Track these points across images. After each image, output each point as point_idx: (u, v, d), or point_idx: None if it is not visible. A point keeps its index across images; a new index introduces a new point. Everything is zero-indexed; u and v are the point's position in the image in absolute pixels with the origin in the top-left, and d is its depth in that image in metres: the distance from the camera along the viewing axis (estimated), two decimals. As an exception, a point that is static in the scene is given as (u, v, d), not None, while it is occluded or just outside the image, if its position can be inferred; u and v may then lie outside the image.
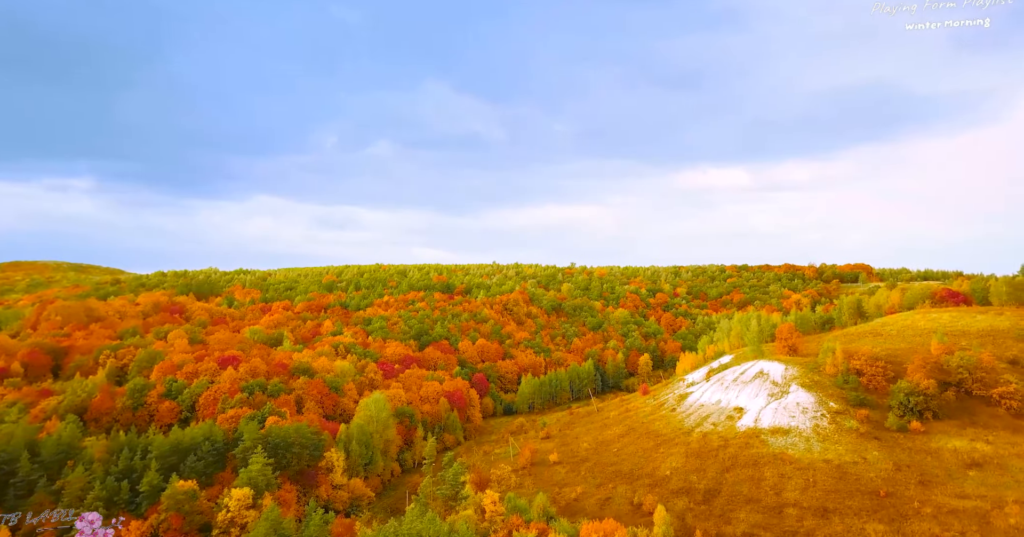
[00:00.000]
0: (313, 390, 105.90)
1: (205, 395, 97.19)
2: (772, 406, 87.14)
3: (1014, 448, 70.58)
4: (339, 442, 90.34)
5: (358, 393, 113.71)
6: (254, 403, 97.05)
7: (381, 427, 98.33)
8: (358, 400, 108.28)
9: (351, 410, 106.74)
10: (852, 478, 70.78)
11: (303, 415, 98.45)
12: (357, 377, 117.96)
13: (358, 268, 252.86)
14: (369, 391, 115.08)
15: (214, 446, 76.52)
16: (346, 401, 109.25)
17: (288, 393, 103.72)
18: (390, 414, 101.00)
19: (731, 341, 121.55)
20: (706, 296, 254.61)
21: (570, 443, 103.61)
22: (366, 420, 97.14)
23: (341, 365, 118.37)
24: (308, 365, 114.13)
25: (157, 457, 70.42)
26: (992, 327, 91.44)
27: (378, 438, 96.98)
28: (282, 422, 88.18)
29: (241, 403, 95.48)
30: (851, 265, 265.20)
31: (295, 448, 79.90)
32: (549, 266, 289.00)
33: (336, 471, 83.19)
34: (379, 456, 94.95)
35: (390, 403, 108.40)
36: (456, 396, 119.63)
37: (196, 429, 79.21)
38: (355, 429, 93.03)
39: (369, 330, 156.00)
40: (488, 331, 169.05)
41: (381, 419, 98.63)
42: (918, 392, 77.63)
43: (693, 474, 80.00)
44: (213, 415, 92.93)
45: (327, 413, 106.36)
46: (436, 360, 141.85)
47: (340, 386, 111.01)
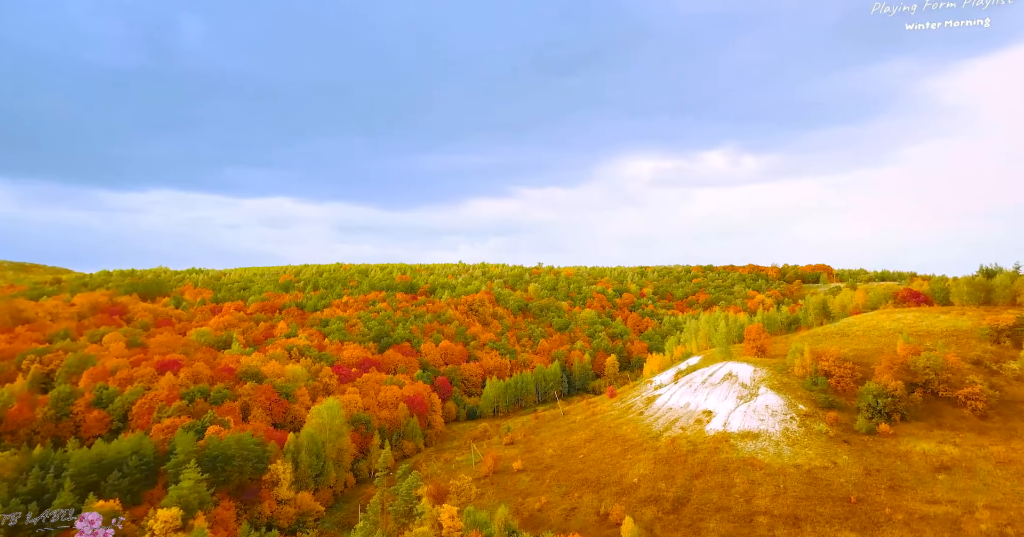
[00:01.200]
0: (261, 396, 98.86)
1: (139, 403, 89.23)
2: (741, 409, 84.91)
3: (981, 450, 69.75)
4: (287, 453, 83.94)
5: (311, 399, 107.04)
6: (194, 411, 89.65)
7: (334, 435, 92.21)
8: (311, 406, 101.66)
9: (303, 417, 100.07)
10: (823, 484, 68.76)
11: (249, 424, 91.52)
12: (310, 382, 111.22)
13: (317, 267, 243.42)
14: (323, 397, 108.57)
15: (143, 460, 69.39)
16: (298, 408, 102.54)
17: (233, 400, 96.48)
18: (344, 421, 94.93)
19: (699, 342, 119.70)
20: (672, 296, 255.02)
21: (535, 449, 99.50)
22: (318, 428, 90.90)
23: (293, 369, 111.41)
24: (257, 369, 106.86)
25: (74, 475, 62.98)
26: (955, 327, 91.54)
27: (330, 447, 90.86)
28: (224, 432, 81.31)
29: (180, 412, 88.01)
30: (812, 266, 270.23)
31: (236, 461, 73.33)
32: (516, 266, 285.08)
33: (282, 485, 76.87)
34: (331, 466, 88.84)
35: (345, 409, 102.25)
36: (416, 401, 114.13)
37: (124, 442, 71.83)
38: (305, 438, 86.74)
39: (326, 332, 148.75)
40: (452, 332, 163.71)
41: (334, 427, 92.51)
42: (886, 394, 76.41)
43: (662, 481, 76.90)
44: (147, 425, 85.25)
45: (276, 421, 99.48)
46: (397, 363, 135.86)
47: (291, 392, 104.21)
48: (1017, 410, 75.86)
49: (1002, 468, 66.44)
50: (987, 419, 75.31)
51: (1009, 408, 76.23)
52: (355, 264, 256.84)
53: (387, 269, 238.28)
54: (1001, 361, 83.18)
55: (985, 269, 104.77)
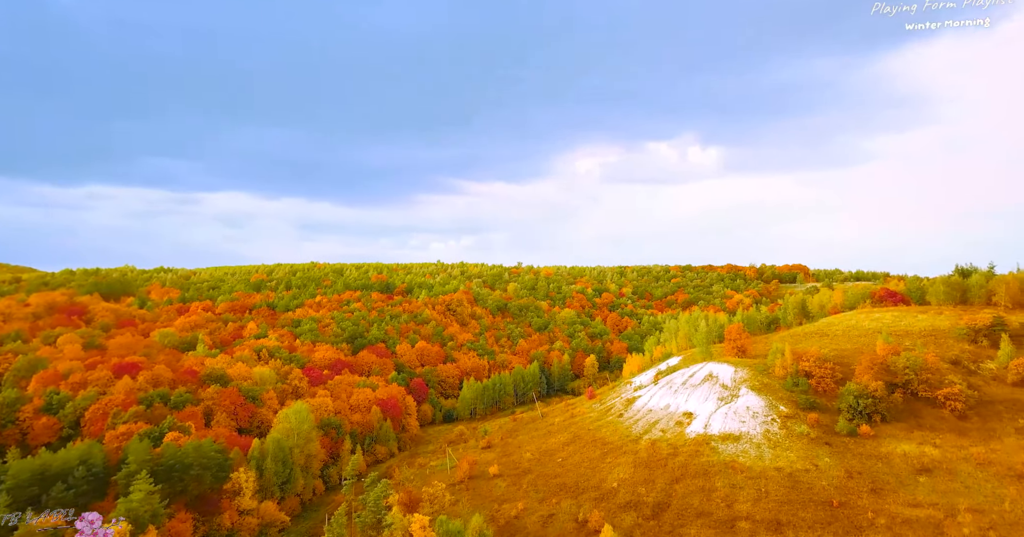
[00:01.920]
0: (226, 400, 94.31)
1: (93, 409, 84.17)
2: (722, 411, 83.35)
3: (960, 452, 69.10)
4: (251, 460, 79.78)
5: (280, 402, 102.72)
6: (153, 417, 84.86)
7: (302, 441, 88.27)
8: (279, 411, 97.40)
9: (271, 422, 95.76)
10: (804, 487, 67.36)
11: (212, 429, 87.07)
12: (279, 384, 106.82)
13: (291, 266, 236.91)
14: (292, 400, 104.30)
15: (91, 471, 64.79)
16: (265, 412, 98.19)
17: (196, 404, 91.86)
18: (313, 426, 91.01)
19: (679, 342, 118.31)
20: (651, 296, 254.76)
21: (512, 453, 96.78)
22: (285, 433, 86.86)
23: (261, 371, 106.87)
24: (222, 372, 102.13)
25: (12, 488, 58.24)
26: (933, 327, 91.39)
27: (298, 453, 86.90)
28: (184, 439, 76.91)
29: (136, 417, 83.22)
30: (789, 266, 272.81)
31: (194, 470, 69.05)
32: (495, 265, 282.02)
33: (244, 494, 72.80)
34: (298, 474, 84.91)
35: (315, 413, 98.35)
36: (390, 404, 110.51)
37: (71, 451, 67.06)
38: (271, 444, 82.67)
39: (297, 332, 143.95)
40: (429, 333, 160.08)
41: (303, 432, 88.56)
42: (867, 394, 75.49)
43: (641, 486, 74.82)
44: (100, 432, 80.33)
45: (242, 426, 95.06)
46: (371, 365, 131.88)
47: (258, 395, 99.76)
48: (995, 410, 75.55)
49: (982, 470, 65.79)
50: (966, 419, 74.85)
51: (987, 408, 75.91)
52: (330, 263, 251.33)
53: (363, 268, 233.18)
54: (978, 361, 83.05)
55: (960, 269, 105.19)
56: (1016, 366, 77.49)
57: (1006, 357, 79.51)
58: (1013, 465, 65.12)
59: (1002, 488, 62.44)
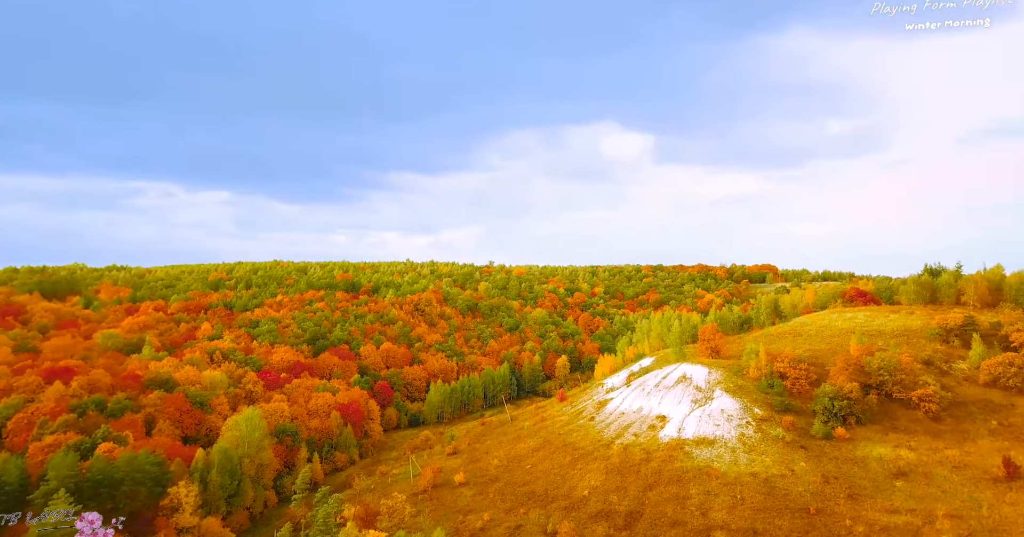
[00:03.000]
0: (170, 407, 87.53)
1: (17, 418, 76.66)
2: (696, 414, 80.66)
3: (936, 454, 67.70)
4: (194, 472, 73.52)
5: (231, 408, 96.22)
6: (86, 426, 77.76)
7: (253, 449, 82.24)
8: (230, 417, 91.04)
9: (220, 429, 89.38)
10: (780, 494, 64.88)
11: (153, 439, 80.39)
12: (231, 389, 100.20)
13: (252, 265, 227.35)
14: (246, 405, 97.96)
15: (4, 489, 58.01)
16: (214, 418, 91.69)
17: (136, 411, 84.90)
18: (265, 433, 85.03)
19: (651, 342, 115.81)
20: (623, 296, 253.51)
21: (479, 459, 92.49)
22: (234, 442, 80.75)
23: (211, 375, 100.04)
24: (168, 376, 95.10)
25: (-94, 512, 51.32)
26: (906, 327, 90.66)
27: (248, 463, 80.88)
28: (119, 450, 70.33)
29: (67, 427, 76.06)
30: (758, 266, 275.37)
31: (126, 485, 62.80)
32: (466, 264, 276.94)
33: (184, 510, 66.66)
34: (248, 485, 78.93)
35: (269, 419, 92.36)
36: (351, 408, 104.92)
37: (-16, 467, 60.10)
38: (217, 454, 76.49)
39: (255, 333, 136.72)
40: (395, 334, 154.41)
41: (254, 440, 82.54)
42: (842, 396, 73.75)
43: (613, 494, 71.41)
44: (24, 444, 73.01)
45: (188, 434, 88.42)
46: (332, 367, 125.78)
47: (208, 400, 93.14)
48: (968, 411, 74.62)
49: (958, 473, 64.38)
50: (940, 421, 73.71)
51: (960, 409, 74.94)
52: (294, 261, 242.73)
53: (328, 267, 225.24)
54: (951, 361, 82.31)
55: (930, 268, 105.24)
56: (988, 367, 76.77)
57: (977, 357, 78.83)
58: (988, 468, 63.90)
59: (979, 492, 61.00)
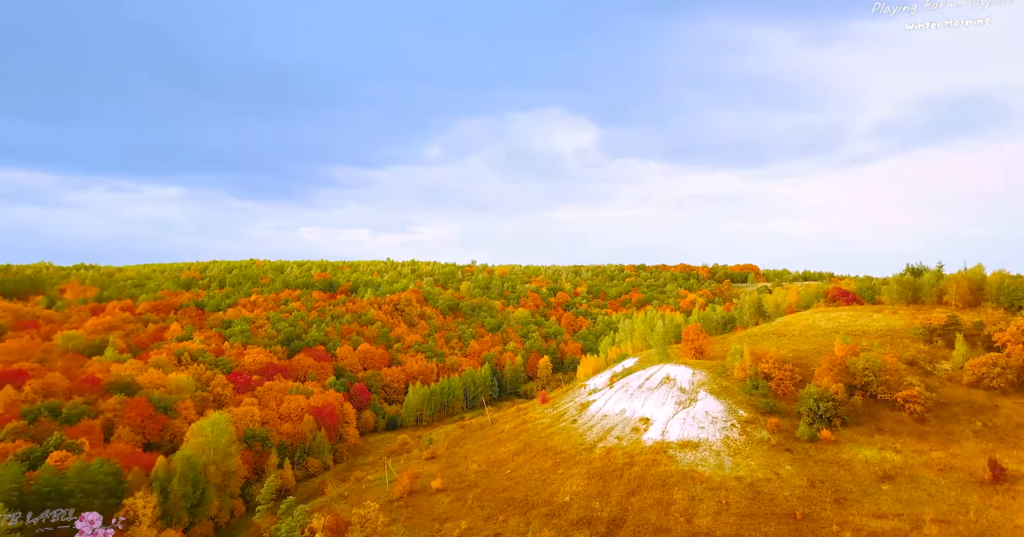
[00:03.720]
0: (131, 412, 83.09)
1: (-38, 425, 71.76)
2: (680, 416, 78.78)
3: (921, 457, 66.65)
4: (154, 481, 69.47)
5: (198, 412, 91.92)
6: (37, 433, 73.18)
7: (220, 456, 78.32)
8: (195, 422, 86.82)
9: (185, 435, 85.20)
10: (766, 498, 63.15)
11: (111, 446, 76.05)
12: (198, 392, 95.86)
13: (227, 264, 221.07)
14: (214, 409, 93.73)
15: (-60, 504, 53.52)
16: (179, 424, 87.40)
17: (94, 417, 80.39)
18: (232, 439, 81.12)
19: (634, 342, 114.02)
20: (606, 295, 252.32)
21: (458, 464, 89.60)
22: (198, 448, 76.74)
23: (178, 378, 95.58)
24: (130, 379, 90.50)
25: None
26: (889, 326, 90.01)
27: (214, 471, 76.94)
28: (72, 459, 66.02)
29: (15, 434, 71.41)
30: (740, 266, 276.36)
31: (76, 497, 58.68)
32: (448, 264, 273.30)
33: (141, 523, 62.67)
34: (212, 494, 74.99)
35: (238, 424, 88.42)
36: (326, 412, 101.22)
37: (-82, 479, 55.53)
38: (180, 462, 72.44)
39: (227, 334, 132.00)
40: (374, 334, 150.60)
41: (220, 446, 78.59)
42: (827, 398, 72.39)
43: (595, 500, 69.10)
44: (-32, 453, 68.18)
45: (150, 440, 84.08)
46: (307, 369, 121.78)
47: (172, 405, 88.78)
48: (952, 413, 73.82)
49: (944, 476, 63.30)
50: (924, 422, 72.76)
51: (945, 410, 74.12)
52: (271, 260, 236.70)
53: (305, 266, 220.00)
54: (934, 361, 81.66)
55: (912, 268, 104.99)
56: (971, 367, 76.12)
57: (961, 358, 78.16)
58: (974, 471, 62.94)
59: (965, 496, 59.90)
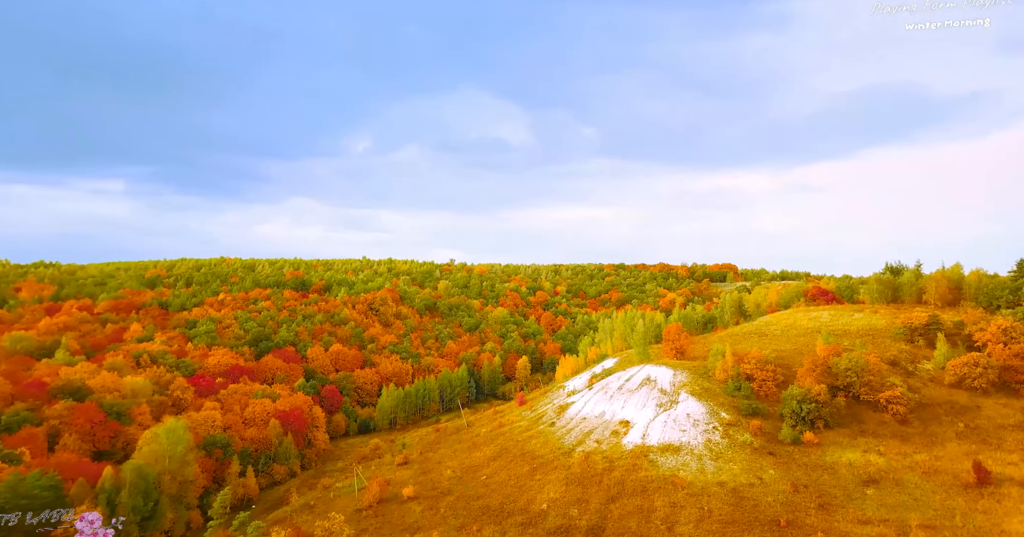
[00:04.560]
0: (79, 418, 77.67)
1: None
2: (661, 418, 76.40)
3: (905, 459, 65.20)
4: (100, 493, 64.55)
5: (154, 418, 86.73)
6: (-27, 443, 67.56)
7: (175, 465, 73.50)
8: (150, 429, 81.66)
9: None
10: (749, 504, 60.96)
11: (56, 455, 70.75)
12: (155, 397, 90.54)
13: (195, 262, 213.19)
14: (174, 414, 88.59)
15: None
16: (133, 431, 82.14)
17: (37, 424, 74.87)
18: (190, 446, 76.29)
19: (614, 342, 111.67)
20: (585, 294, 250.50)
21: (431, 470, 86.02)
22: (152, 457, 71.88)
23: (133, 381, 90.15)
24: (80, 383, 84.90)
25: None
26: (871, 326, 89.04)
27: (169, 481, 72.14)
28: (9, 471, 60.79)
29: (-52, 444, 65.75)
30: (719, 265, 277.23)
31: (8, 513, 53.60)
32: (426, 262, 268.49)
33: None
34: (167, 506, 70.23)
35: (198, 430, 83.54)
36: (293, 415, 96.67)
37: None
38: (130, 472, 67.59)
39: (191, 334, 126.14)
40: (347, 335, 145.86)
41: (176, 454, 73.76)
42: (810, 399, 70.67)
43: (574, 507, 66.23)
44: None
45: (101, 449, 78.75)
46: (275, 371, 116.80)
47: (126, 410, 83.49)
48: (935, 414, 72.71)
49: (928, 480, 61.86)
50: (907, 424, 71.48)
51: (927, 411, 72.98)
52: (242, 258, 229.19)
53: (277, 264, 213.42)
54: (916, 361, 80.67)
55: (891, 267, 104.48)
56: (953, 367, 75.17)
57: (943, 357, 77.23)
58: (959, 474, 61.64)
59: (951, 500, 58.48)
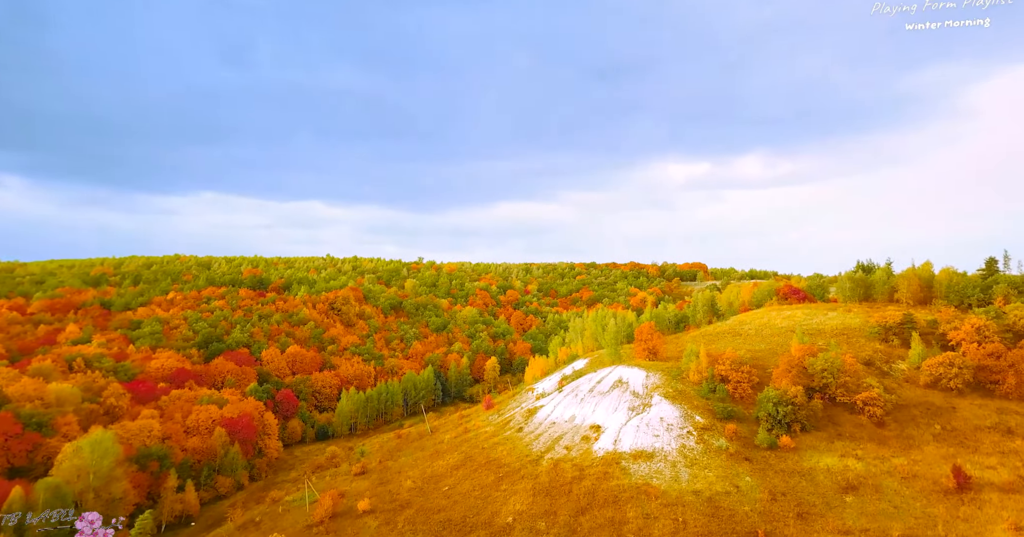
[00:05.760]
0: (-7, 431, 69.59)
1: None
2: (634, 422, 72.67)
3: (883, 464, 62.93)
4: (4, 517, 57.07)
5: (83, 428, 78.81)
6: None
7: (101, 481, 66.29)
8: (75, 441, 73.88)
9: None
10: (726, 514, 57.57)
11: (-40, 473, 62.75)
12: (85, 405, 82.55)
13: (146, 259, 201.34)
14: (108, 424, 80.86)
15: None
16: (56, 443, 74.17)
17: (-59, 439, 66.57)
18: (119, 460, 69.06)
19: (585, 342, 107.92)
20: (556, 293, 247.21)
21: (391, 481, 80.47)
22: (73, 473, 64.59)
23: (59, 388, 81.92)
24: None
25: None
26: (845, 325, 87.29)
27: (93, 499, 64.91)
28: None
29: None
30: (689, 264, 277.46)
31: None
32: (393, 260, 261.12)
33: (-17, 573, 50.77)
34: (90, 529, 62.93)
35: (132, 440, 76.15)
36: (242, 423, 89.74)
37: None
38: (44, 490, 60.29)
39: (134, 336, 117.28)
40: (306, 336, 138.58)
41: (102, 469, 66.54)
42: (786, 401, 67.88)
43: (541, 519, 61.86)
44: None
45: (17, 465, 70.73)
46: (226, 374, 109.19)
47: (49, 420, 75.49)
48: (911, 415, 70.83)
49: (908, 485, 59.58)
50: (884, 426, 69.38)
51: (903, 413, 71.05)
52: (198, 256, 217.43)
53: (235, 262, 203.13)
54: (891, 361, 78.96)
55: (862, 265, 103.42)
56: (928, 367, 73.54)
57: (918, 357, 75.58)
58: (938, 479, 59.50)
59: (931, 507, 56.16)
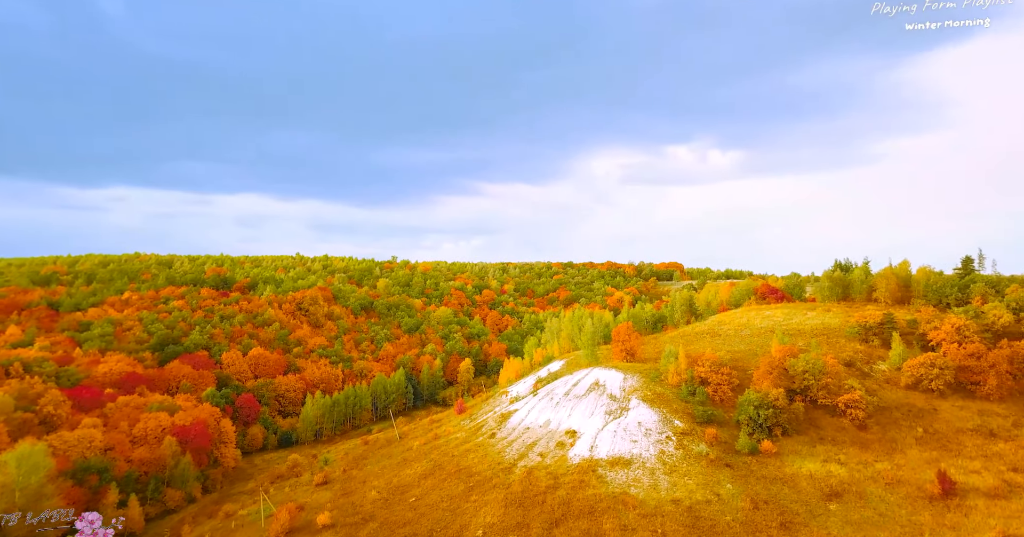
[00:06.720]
0: (-93, 445, 62.87)
1: None
2: (611, 427, 69.47)
3: (867, 469, 60.88)
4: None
5: (13, 439, 72.19)
6: None
7: (28, 500, 60.29)
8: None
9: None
10: (707, 525, 54.61)
11: None
12: (18, 414, 75.85)
13: (102, 257, 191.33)
14: (43, 434, 74.39)
15: None
16: (-17, 457, 67.60)
17: None
18: (51, 475, 63.08)
19: (561, 343, 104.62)
20: (533, 293, 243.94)
21: (354, 491, 75.89)
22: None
23: (-10, 396, 75.13)
24: (-83, 400, 69.49)
25: None
26: (825, 325, 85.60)
27: (18, 522, 58.79)
28: None
29: None
30: (665, 264, 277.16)
31: None
32: (365, 260, 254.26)
33: None
34: (14, 553, 57.06)
35: (70, 452, 69.99)
36: (195, 431, 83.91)
37: None
38: (-38, 514, 54.15)
39: (82, 338, 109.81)
40: (270, 337, 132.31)
41: (29, 486, 60.59)
42: (767, 404, 65.49)
43: (513, 533, 58.06)
44: None
45: (-65, 481, 63.98)
46: (181, 379, 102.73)
47: (-25, 432, 68.85)
48: (893, 418, 69.10)
49: (892, 491, 57.55)
50: (866, 429, 67.45)
51: (885, 415, 69.31)
52: (159, 254, 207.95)
53: (198, 261, 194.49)
54: (871, 362, 77.31)
55: (840, 264, 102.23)
56: (909, 368, 71.95)
57: (898, 358, 74.02)
58: (922, 484, 57.60)
59: (917, 514, 54.11)
